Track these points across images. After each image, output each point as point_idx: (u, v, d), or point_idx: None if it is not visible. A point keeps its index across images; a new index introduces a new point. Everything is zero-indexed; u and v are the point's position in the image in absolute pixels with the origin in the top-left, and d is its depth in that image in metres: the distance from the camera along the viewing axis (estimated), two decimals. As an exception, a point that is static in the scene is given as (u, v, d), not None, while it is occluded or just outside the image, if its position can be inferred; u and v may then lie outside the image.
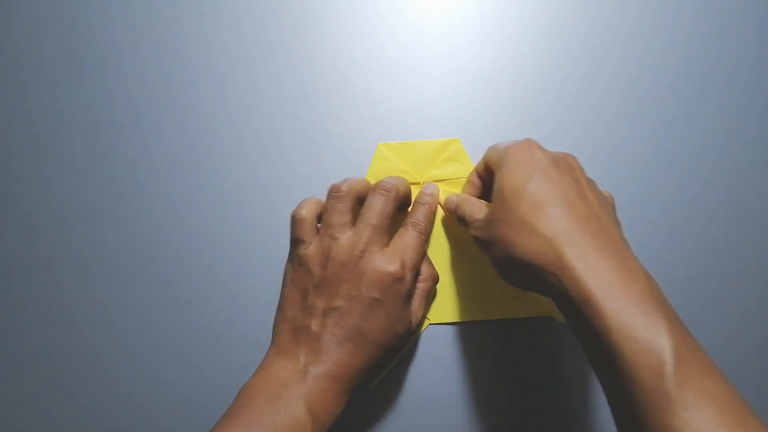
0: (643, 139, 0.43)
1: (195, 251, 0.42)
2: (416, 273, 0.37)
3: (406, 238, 0.37)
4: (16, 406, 0.41)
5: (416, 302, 0.37)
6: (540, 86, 0.44)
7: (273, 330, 0.37)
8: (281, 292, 0.37)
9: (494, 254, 0.33)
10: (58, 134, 0.44)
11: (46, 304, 0.42)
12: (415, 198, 0.41)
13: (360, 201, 0.38)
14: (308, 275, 0.35)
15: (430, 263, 0.40)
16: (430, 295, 0.40)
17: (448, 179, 0.43)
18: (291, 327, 0.35)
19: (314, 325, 0.34)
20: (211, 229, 0.43)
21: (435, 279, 0.39)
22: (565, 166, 0.33)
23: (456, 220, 0.40)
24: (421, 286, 0.38)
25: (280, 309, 0.37)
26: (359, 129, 0.44)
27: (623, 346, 0.25)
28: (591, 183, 0.33)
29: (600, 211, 0.31)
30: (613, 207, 0.34)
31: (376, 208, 0.36)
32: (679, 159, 0.43)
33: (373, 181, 0.42)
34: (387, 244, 0.36)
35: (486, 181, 0.40)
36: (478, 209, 0.36)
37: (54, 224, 0.43)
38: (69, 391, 0.41)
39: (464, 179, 0.42)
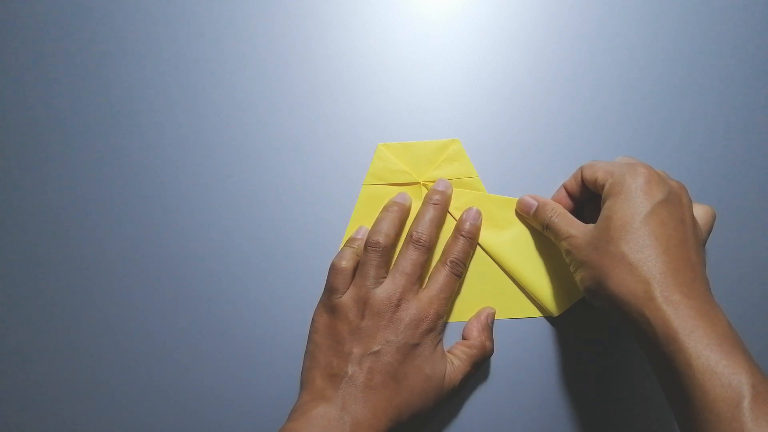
0: (644, 139, 0.43)
1: (194, 251, 0.43)
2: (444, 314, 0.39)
3: (442, 281, 0.38)
4: (28, 407, 0.42)
5: (456, 362, 0.38)
6: (540, 86, 0.44)
7: (303, 375, 0.37)
8: (311, 339, 0.38)
9: (584, 275, 0.35)
10: (60, 134, 0.44)
11: (39, 306, 0.42)
12: (456, 226, 0.41)
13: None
14: (344, 322, 0.36)
15: (490, 336, 0.40)
16: (478, 365, 0.39)
17: (448, 180, 0.42)
18: (326, 373, 0.36)
19: (351, 370, 0.35)
20: (211, 229, 0.43)
21: (483, 350, 0.39)
22: (675, 204, 0.34)
23: (536, 224, 0.40)
24: (467, 351, 0.38)
25: (311, 356, 0.37)
26: (359, 129, 0.44)
27: (704, 380, 0.28)
28: (695, 223, 0.35)
29: (696, 258, 0.33)
30: (703, 238, 0.35)
31: (412, 259, 0.38)
32: (679, 159, 0.43)
33: (373, 182, 0.43)
34: (420, 289, 0.38)
35: (577, 199, 0.40)
36: (572, 225, 0.37)
37: (54, 225, 0.43)
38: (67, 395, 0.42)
39: (464, 180, 0.42)
